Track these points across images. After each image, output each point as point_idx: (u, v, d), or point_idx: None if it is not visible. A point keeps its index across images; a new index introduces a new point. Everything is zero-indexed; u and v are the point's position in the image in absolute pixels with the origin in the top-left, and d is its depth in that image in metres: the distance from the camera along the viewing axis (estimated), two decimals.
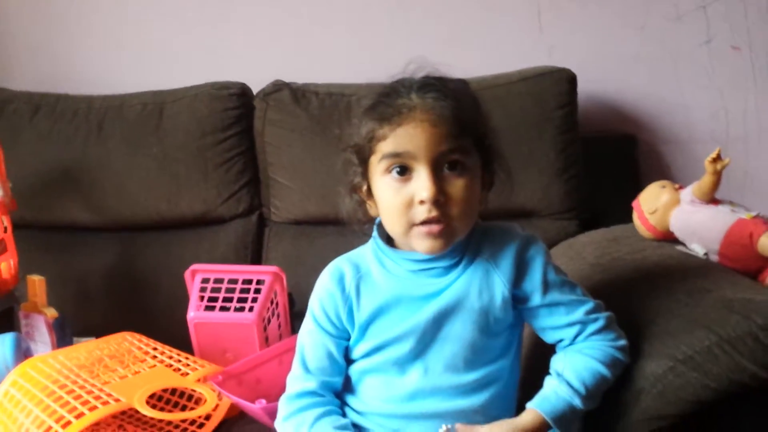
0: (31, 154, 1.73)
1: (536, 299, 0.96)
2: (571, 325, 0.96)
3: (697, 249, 1.22)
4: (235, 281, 1.40)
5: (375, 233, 1.01)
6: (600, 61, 1.83)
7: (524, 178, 1.60)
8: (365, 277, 1.00)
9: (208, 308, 1.37)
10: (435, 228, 0.91)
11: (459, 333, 0.95)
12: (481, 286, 0.95)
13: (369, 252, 1.01)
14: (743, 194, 1.80)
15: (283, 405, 1.02)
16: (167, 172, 1.72)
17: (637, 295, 1.09)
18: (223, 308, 1.36)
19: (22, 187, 1.61)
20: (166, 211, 1.73)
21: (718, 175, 1.18)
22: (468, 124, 0.92)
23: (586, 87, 1.71)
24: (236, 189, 1.74)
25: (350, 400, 1.02)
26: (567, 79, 1.66)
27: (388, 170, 0.92)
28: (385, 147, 0.91)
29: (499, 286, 0.96)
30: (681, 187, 1.29)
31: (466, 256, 0.97)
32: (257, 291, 1.38)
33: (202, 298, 1.38)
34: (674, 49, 1.82)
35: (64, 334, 1.46)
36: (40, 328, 1.45)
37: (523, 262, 0.96)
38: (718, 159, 1.17)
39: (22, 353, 1.31)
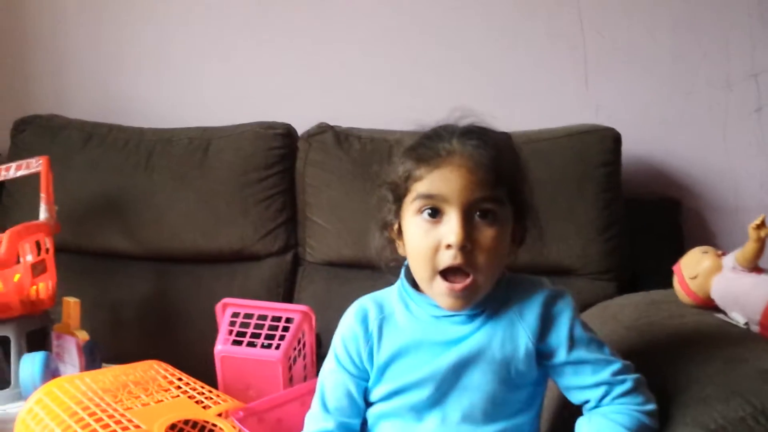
0: (80, 181, 1.78)
1: (561, 355, 0.93)
2: (597, 385, 0.93)
3: (738, 318, 1.18)
4: (264, 317, 1.39)
5: (402, 275, 1.01)
6: (646, 123, 1.82)
7: (563, 234, 1.59)
8: (388, 318, 0.99)
9: (236, 343, 1.37)
10: (458, 286, 0.90)
11: (479, 383, 0.93)
12: (505, 336, 0.93)
13: (395, 293, 1.01)
14: None
15: None
16: (208, 207, 1.75)
17: (671, 361, 1.06)
18: (250, 344, 1.35)
19: (68, 212, 1.65)
20: (203, 244, 1.75)
21: (762, 242, 1.15)
22: (505, 175, 0.91)
23: (631, 148, 1.70)
24: (273, 227, 1.76)
25: None
26: (612, 138, 1.65)
27: (420, 211, 0.92)
28: (419, 187, 0.91)
29: (523, 339, 0.94)
30: (723, 254, 1.26)
31: (491, 305, 0.95)
32: (285, 329, 1.37)
33: (230, 332, 1.38)
34: (723, 116, 1.80)
35: (93, 359, 1.47)
36: (70, 350, 1.46)
37: (549, 316, 0.94)
38: (762, 226, 1.14)
39: (51, 373, 1.32)
